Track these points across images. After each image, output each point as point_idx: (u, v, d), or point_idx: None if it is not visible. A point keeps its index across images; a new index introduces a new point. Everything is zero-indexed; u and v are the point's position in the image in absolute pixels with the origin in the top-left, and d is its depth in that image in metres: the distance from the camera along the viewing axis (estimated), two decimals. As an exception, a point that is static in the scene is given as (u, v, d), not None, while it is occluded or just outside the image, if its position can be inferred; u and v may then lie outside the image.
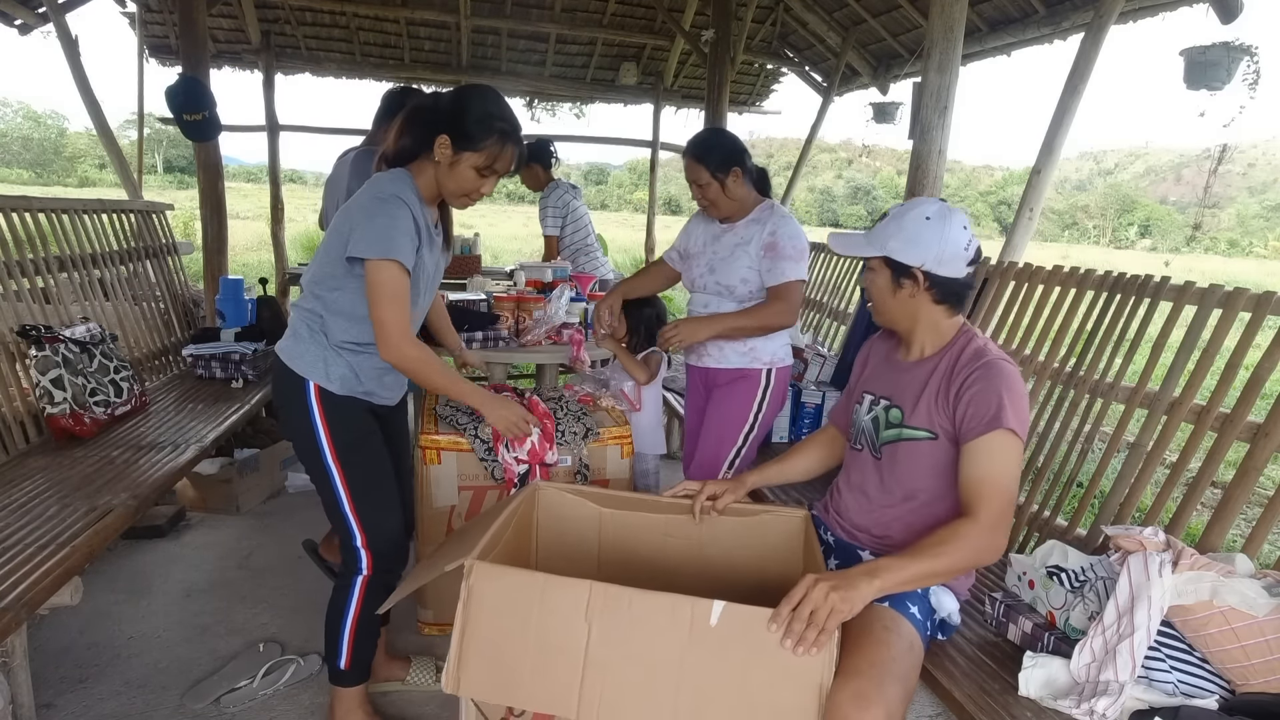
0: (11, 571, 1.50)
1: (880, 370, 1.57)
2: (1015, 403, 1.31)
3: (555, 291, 2.85)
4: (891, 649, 1.24)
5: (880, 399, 1.52)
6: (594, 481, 2.09)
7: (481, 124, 1.51)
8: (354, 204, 1.55)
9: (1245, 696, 1.25)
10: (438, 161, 1.54)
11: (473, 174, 1.55)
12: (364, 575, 1.64)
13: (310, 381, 1.57)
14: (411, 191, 1.54)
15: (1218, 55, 3.44)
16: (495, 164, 1.55)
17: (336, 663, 1.66)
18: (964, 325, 1.47)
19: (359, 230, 1.49)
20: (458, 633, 1.14)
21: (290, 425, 1.63)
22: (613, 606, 1.10)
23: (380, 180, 1.55)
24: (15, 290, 2.41)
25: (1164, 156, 47.42)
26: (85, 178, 28.70)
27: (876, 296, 1.47)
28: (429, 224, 1.60)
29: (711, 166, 2.03)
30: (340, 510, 1.61)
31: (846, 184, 40.21)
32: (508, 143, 1.55)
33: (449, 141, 1.52)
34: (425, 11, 5.82)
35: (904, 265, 1.40)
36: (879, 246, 1.42)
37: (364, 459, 1.63)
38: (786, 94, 23.69)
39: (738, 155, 2.05)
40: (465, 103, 1.53)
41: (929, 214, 1.40)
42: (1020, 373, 1.39)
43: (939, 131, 2.79)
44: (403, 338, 1.52)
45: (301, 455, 1.63)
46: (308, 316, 1.60)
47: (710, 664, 1.07)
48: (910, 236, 1.39)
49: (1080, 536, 1.86)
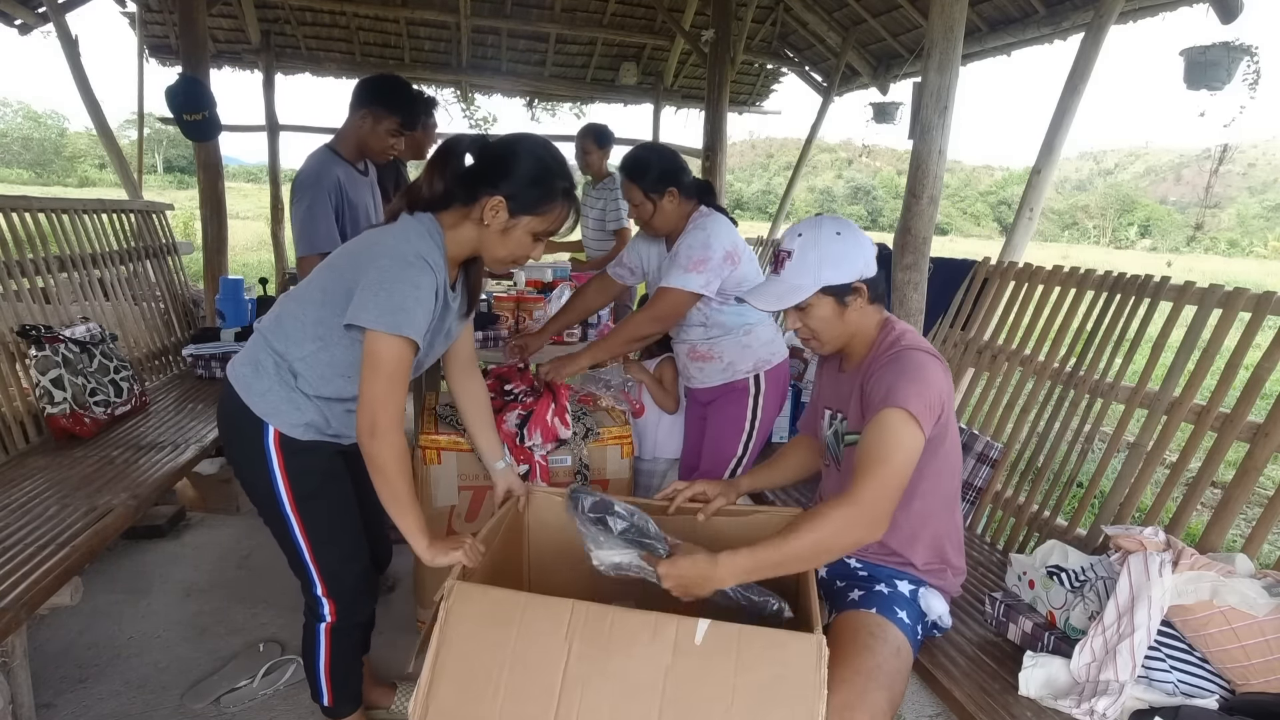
0: (11, 571, 1.50)
1: (831, 384, 1.60)
2: (910, 384, 1.28)
3: (555, 291, 2.86)
4: (876, 655, 1.25)
5: (837, 413, 1.54)
6: (594, 482, 2.09)
7: (543, 186, 1.33)
8: (368, 254, 1.31)
9: (1245, 696, 1.25)
10: (485, 225, 1.34)
11: (529, 240, 1.36)
12: (328, 623, 1.54)
13: (270, 426, 1.38)
14: (440, 252, 1.33)
15: (1218, 55, 3.44)
16: (557, 229, 1.39)
17: (320, 701, 1.62)
18: (884, 319, 1.48)
19: (368, 294, 1.26)
20: (430, 656, 1.10)
21: (242, 467, 1.45)
22: (594, 625, 1.08)
23: (405, 234, 1.32)
24: (15, 290, 2.41)
25: (1164, 156, 47.41)
26: (85, 178, 28.69)
27: (821, 329, 1.44)
28: (449, 288, 1.39)
29: (645, 186, 1.99)
30: (300, 559, 1.48)
31: (846, 184, 40.20)
32: (569, 203, 1.38)
33: (504, 206, 1.31)
34: (425, 11, 5.82)
35: (845, 285, 1.40)
36: (814, 282, 1.39)
37: (325, 506, 1.47)
38: (786, 94, 23.69)
39: (672, 174, 1.99)
40: (521, 161, 1.32)
41: (837, 230, 1.41)
42: (934, 359, 1.37)
43: (939, 131, 2.78)
44: (391, 426, 1.27)
45: (255, 500, 1.47)
46: (274, 354, 1.39)
47: (695, 685, 1.05)
48: (836, 257, 1.39)
49: (1080, 536, 1.85)
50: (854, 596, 1.42)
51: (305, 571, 1.50)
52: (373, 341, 1.26)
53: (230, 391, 1.42)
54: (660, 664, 1.06)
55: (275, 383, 1.39)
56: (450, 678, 1.10)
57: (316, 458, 1.45)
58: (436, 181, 1.35)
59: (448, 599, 1.13)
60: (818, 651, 1.05)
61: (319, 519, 1.46)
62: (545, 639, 1.09)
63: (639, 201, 2.01)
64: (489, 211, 1.32)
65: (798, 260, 1.40)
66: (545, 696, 1.07)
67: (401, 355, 1.27)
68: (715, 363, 2.12)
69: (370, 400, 1.27)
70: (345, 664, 1.61)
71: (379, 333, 1.25)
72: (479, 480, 2.01)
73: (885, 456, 1.24)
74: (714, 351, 2.10)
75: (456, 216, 1.36)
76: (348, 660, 1.61)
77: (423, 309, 1.28)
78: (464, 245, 1.38)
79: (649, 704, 1.05)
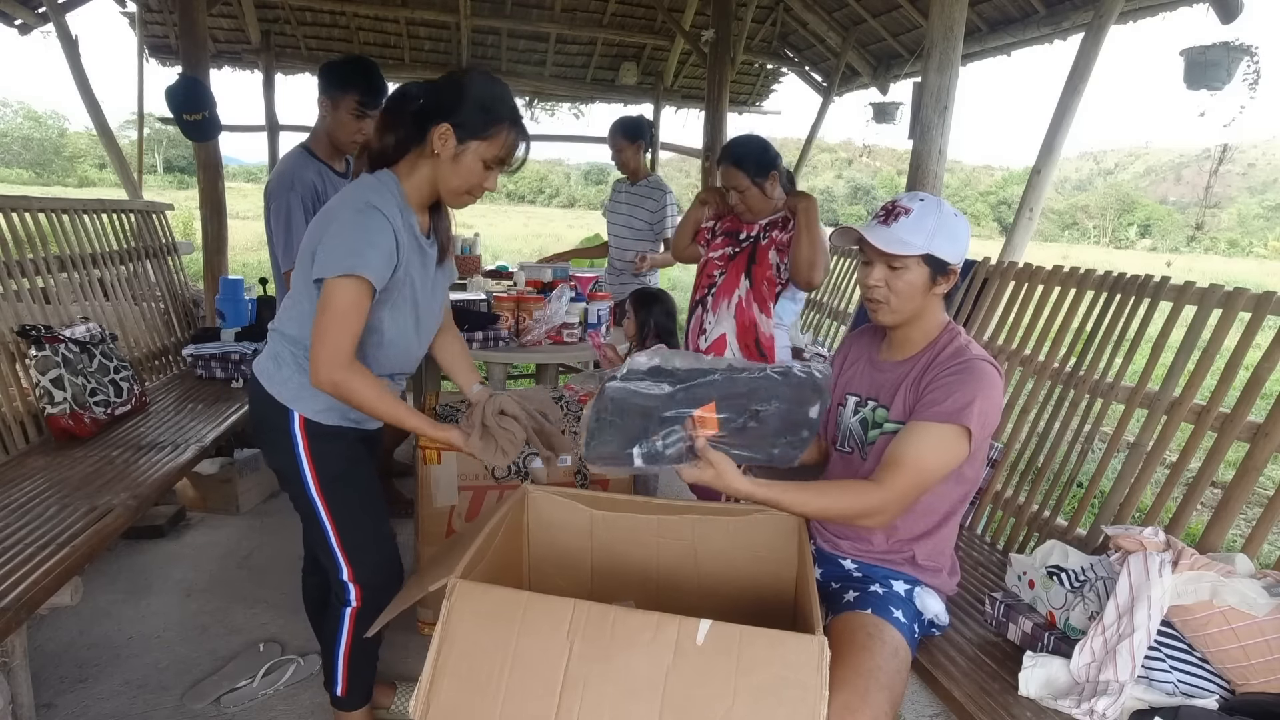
0: (11, 571, 1.50)
1: (863, 371, 1.55)
2: (980, 402, 1.30)
3: (555, 291, 2.85)
4: (876, 656, 1.25)
5: (866, 400, 1.51)
6: (593, 482, 2.09)
7: (490, 110, 1.35)
8: (323, 215, 1.37)
9: (1245, 696, 1.25)
10: (436, 155, 1.36)
11: (479, 167, 1.38)
12: (353, 608, 1.57)
13: (295, 412, 1.45)
14: (394, 199, 1.37)
15: (1218, 55, 3.45)
16: (507, 155, 1.40)
17: (334, 690, 1.64)
18: (948, 323, 1.47)
19: (324, 246, 1.31)
20: (433, 654, 1.10)
21: (272, 454, 1.52)
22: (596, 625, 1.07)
23: (358, 187, 1.38)
24: (15, 290, 2.41)
25: (1164, 156, 47.42)
26: (85, 178, 28.71)
27: (904, 292, 1.38)
28: (417, 233, 1.43)
29: (751, 172, 2.14)
30: (326, 544, 1.52)
31: (846, 184, 40.20)
32: (518, 131, 1.39)
33: (451, 132, 1.34)
34: (425, 11, 5.83)
35: (944, 262, 1.37)
36: (926, 244, 1.34)
37: (351, 491, 1.53)
38: (786, 94, 23.68)
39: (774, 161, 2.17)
40: (468, 87, 1.35)
41: (955, 213, 1.39)
42: (998, 375, 1.37)
43: (939, 131, 2.78)
44: (332, 363, 1.30)
45: (285, 485, 1.53)
46: (289, 343, 1.46)
47: (696, 685, 1.04)
48: (951, 234, 1.36)
49: (1080, 536, 1.85)
50: (849, 598, 1.41)
51: (332, 557, 1.54)
52: (327, 287, 1.30)
53: (256, 385, 1.49)
54: (661, 664, 1.06)
55: (294, 370, 1.45)
56: (452, 676, 1.10)
57: (340, 443, 1.51)
58: (388, 134, 1.39)
59: (449, 597, 1.13)
60: (819, 653, 1.04)
61: (344, 503, 1.51)
62: (546, 638, 1.09)
63: (745, 186, 2.15)
64: (438, 140, 1.35)
65: (915, 219, 1.35)
66: (546, 696, 1.07)
67: (352, 295, 1.30)
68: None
69: (315, 340, 1.30)
70: (363, 653, 1.63)
71: (334, 278, 1.29)
72: (479, 480, 2.01)
73: (930, 465, 1.28)
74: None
75: (411, 160, 1.40)
76: (367, 649, 1.64)
77: (376, 251, 1.30)
78: (423, 186, 1.41)
79: (650, 704, 1.05)
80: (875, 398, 1.48)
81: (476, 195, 1.44)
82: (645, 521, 1.56)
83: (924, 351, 1.43)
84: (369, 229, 1.31)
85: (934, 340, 1.44)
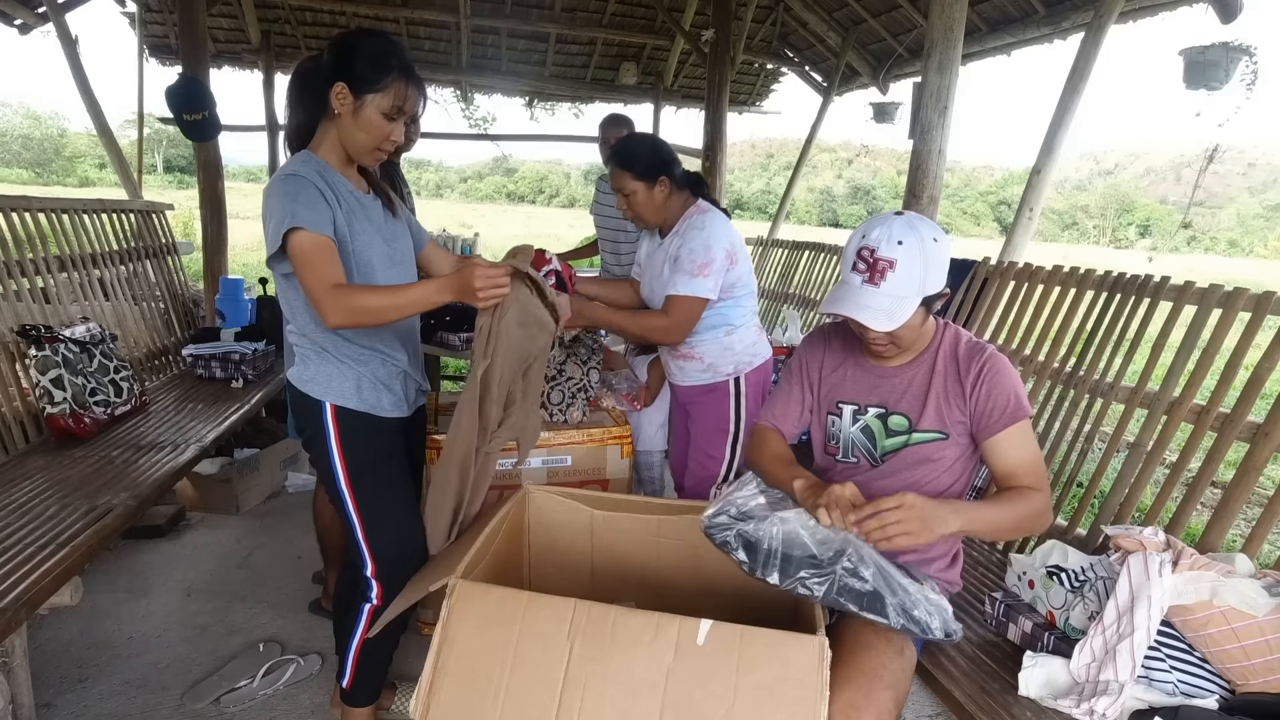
0: (11, 571, 1.50)
1: (853, 375, 1.49)
2: (1022, 390, 1.38)
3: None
4: (881, 655, 1.24)
5: (868, 408, 1.46)
6: (594, 482, 2.09)
7: (378, 60, 1.38)
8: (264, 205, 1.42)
9: (1245, 696, 1.25)
10: (338, 115, 1.40)
11: (380, 119, 1.40)
12: (372, 605, 1.58)
13: (326, 402, 1.50)
14: (312, 166, 1.41)
15: (1217, 55, 3.45)
16: (403, 104, 1.41)
17: (341, 681, 1.65)
18: (938, 320, 1.46)
19: (267, 228, 1.38)
20: (433, 654, 1.11)
21: (311, 449, 1.57)
22: (596, 625, 1.08)
23: (281, 168, 1.44)
24: (15, 290, 2.41)
25: (1164, 156, 47.38)
26: (85, 178, 28.68)
27: (906, 335, 1.36)
28: (352, 190, 1.47)
29: (638, 173, 1.94)
30: (353, 535, 1.55)
31: (846, 184, 40.19)
32: (410, 79, 1.41)
33: (346, 89, 1.37)
34: (425, 11, 5.82)
35: (937, 294, 1.35)
36: (918, 294, 1.30)
37: (378, 484, 1.54)
38: (786, 94, 23.66)
39: (664, 164, 1.95)
40: (356, 44, 1.39)
41: (934, 236, 1.32)
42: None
43: (939, 131, 2.79)
44: (335, 302, 1.33)
45: (323, 479, 1.58)
46: (300, 336, 1.52)
47: (696, 685, 1.04)
48: (937, 264, 1.32)
49: (1080, 536, 1.86)
50: None
51: (358, 550, 1.55)
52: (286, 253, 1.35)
53: (293, 390, 1.54)
54: (662, 664, 1.06)
55: (316, 361, 1.51)
56: (452, 676, 1.10)
57: (370, 431, 1.53)
58: (296, 111, 1.45)
59: (450, 597, 1.13)
60: (820, 653, 1.05)
61: (370, 496, 1.53)
62: (547, 638, 1.09)
63: (630, 190, 1.96)
64: (336, 100, 1.39)
65: (902, 271, 1.28)
66: (547, 696, 1.07)
67: (306, 243, 1.34)
68: (696, 362, 2.08)
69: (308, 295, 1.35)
70: (376, 650, 1.64)
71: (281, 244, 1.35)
72: (479, 480, 2.01)
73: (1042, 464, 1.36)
74: (695, 351, 2.05)
75: (322, 131, 1.45)
76: (379, 647, 1.64)
77: (301, 204, 1.34)
78: (336, 148, 1.46)
79: (650, 704, 1.05)
80: (882, 405, 1.44)
81: (386, 150, 1.47)
82: (645, 521, 1.56)
83: (926, 353, 1.43)
84: (288, 192, 1.36)
85: (931, 341, 1.43)
